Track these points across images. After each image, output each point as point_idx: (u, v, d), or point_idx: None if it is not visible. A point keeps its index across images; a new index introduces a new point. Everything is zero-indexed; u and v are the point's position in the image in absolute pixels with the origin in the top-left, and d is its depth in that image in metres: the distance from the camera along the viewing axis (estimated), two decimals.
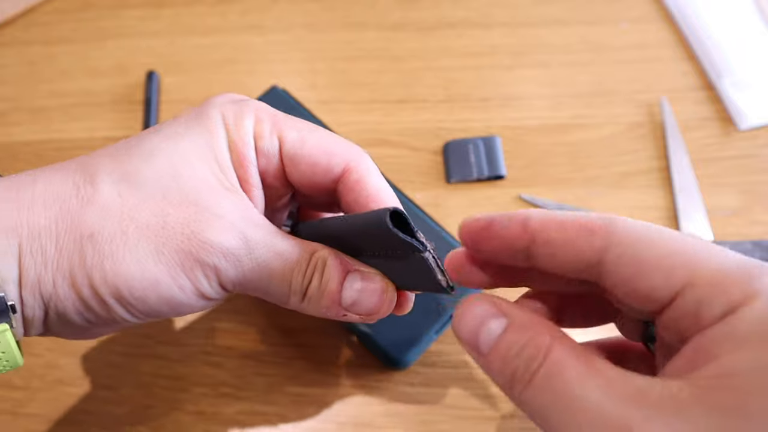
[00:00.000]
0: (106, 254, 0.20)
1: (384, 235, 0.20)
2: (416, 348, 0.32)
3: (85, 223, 0.20)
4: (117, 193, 0.20)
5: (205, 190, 0.21)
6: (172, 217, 0.20)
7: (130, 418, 0.33)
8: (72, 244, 0.20)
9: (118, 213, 0.20)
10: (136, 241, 0.20)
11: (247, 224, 0.21)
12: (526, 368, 0.17)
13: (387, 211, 0.19)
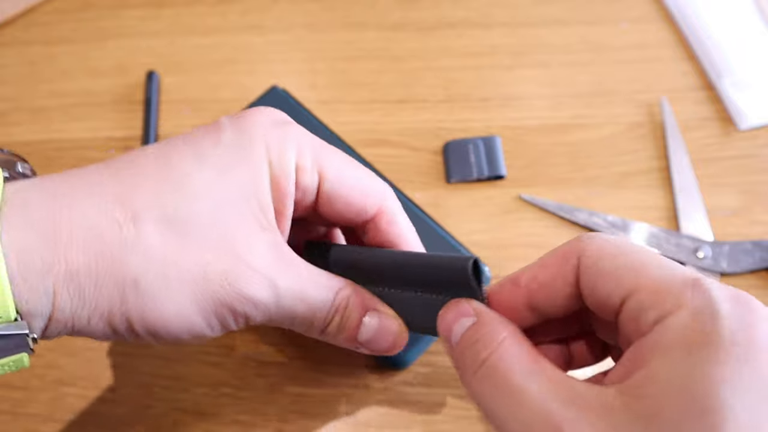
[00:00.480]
0: (147, 299, 0.20)
1: (451, 279, 0.22)
2: (416, 348, 0.32)
3: (128, 267, 0.20)
4: (160, 236, 0.20)
5: (243, 236, 0.21)
6: (211, 266, 0.21)
7: (129, 418, 0.33)
8: (113, 287, 0.20)
9: (161, 257, 0.20)
10: (178, 287, 0.20)
11: (278, 271, 0.22)
12: (474, 359, 0.19)
13: (470, 260, 0.21)
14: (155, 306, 0.20)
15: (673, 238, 0.36)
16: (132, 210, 0.20)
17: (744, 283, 0.35)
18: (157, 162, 0.21)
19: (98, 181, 0.21)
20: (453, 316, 0.22)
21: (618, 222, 0.37)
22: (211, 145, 0.22)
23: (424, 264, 0.24)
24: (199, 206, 0.21)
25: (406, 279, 0.25)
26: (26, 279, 0.19)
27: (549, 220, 0.37)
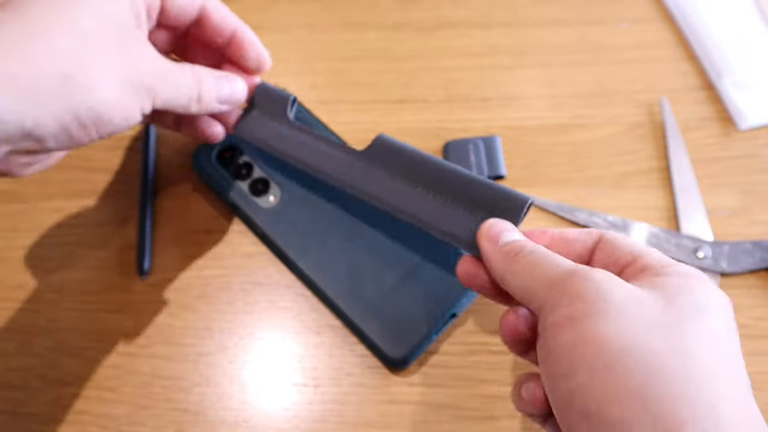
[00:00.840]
0: (86, 89, 0.24)
1: (503, 207, 0.28)
2: (416, 348, 0.32)
3: (58, 61, 0.24)
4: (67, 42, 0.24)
5: (134, 42, 0.27)
6: (120, 65, 0.26)
7: (129, 418, 0.33)
8: (51, 83, 0.23)
9: (83, 56, 0.25)
10: (107, 77, 0.25)
11: (156, 58, 0.28)
12: (520, 249, 0.24)
13: (530, 199, 0.27)
14: (91, 99, 0.24)
15: (673, 238, 0.36)
16: (34, 24, 0.23)
17: (744, 283, 0.35)
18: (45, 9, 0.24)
19: None
20: (502, 226, 0.27)
21: (618, 222, 0.37)
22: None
23: (486, 184, 0.29)
24: (83, 19, 0.24)
25: (449, 188, 0.30)
26: None
27: (549, 220, 0.37)
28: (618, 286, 0.21)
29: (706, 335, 0.20)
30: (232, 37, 0.33)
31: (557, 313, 0.21)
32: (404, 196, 0.31)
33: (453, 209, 0.30)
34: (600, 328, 0.20)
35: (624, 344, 0.19)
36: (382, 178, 0.32)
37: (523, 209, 0.27)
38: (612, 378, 0.19)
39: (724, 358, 0.20)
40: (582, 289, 0.21)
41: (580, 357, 0.19)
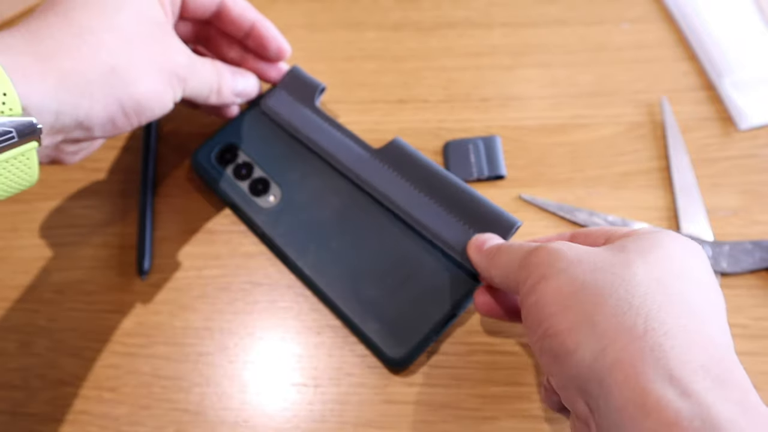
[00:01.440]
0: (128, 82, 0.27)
1: (495, 224, 0.32)
2: (416, 348, 0.32)
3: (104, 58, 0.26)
4: (117, 42, 0.27)
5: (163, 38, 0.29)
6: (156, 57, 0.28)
7: (129, 418, 0.33)
8: (99, 77, 0.26)
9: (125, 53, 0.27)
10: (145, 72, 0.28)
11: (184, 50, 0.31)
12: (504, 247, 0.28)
13: (518, 223, 0.32)
14: (135, 88, 0.27)
15: None
16: (85, 28, 0.26)
17: (744, 283, 0.35)
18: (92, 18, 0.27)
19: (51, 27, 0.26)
20: (487, 236, 0.31)
21: (618, 222, 0.37)
22: None
23: (483, 202, 0.33)
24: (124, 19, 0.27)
25: (452, 199, 0.34)
26: (28, 79, 0.23)
27: (549, 220, 0.37)
28: (572, 248, 0.24)
29: (653, 266, 0.22)
30: (251, 29, 0.35)
31: (526, 285, 0.24)
32: (409, 199, 0.34)
33: (451, 219, 0.33)
34: (555, 282, 0.23)
35: (575, 287, 0.22)
36: (392, 178, 0.35)
37: (511, 230, 0.32)
38: (567, 317, 0.22)
39: (669, 283, 0.21)
40: (540, 259, 0.24)
41: (543, 309, 0.22)
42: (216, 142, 0.38)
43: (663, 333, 0.20)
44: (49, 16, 0.25)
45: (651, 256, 0.23)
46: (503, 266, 0.27)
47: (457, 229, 0.33)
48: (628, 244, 0.23)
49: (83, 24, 0.26)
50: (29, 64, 0.24)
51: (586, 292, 0.22)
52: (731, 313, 0.34)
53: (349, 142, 0.37)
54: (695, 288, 0.22)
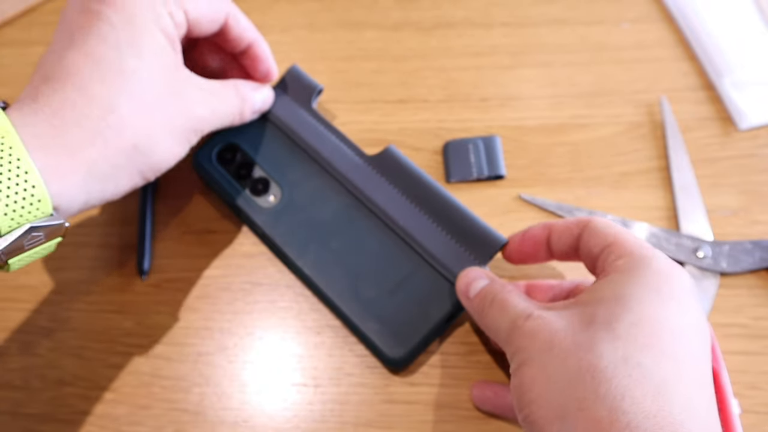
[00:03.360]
0: (148, 153, 0.27)
1: (483, 240, 0.33)
2: (416, 348, 0.32)
3: (125, 139, 0.26)
4: (132, 113, 0.27)
5: (179, 85, 0.29)
6: (172, 117, 0.28)
7: (129, 418, 0.33)
8: (123, 157, 0.26)
9: (143, 125, 0.27)
10: (162, 137, 0.28)
11: (206, 91, 0.31)
12: (491, 297, 0.28)
13: (504, 241, 0.33)
14: (156, 158, 0.28)
15: (673, 238, 0.36)
16: (105, 106, 0.26)
17: (744, 283, 0.35)
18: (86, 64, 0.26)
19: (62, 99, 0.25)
20: (470, 277, 0.31)
21: (618, 222, 0.37)
22: (108, 27, 0.27)
23: (470, 218, 0.33)
24: (141, 85, 0.27)
25: (441, 213, 0.34)
26: (60, 178, 0.24)
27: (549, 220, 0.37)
28: (545, 328, 0.25)
29: (620, 340, 0.23)
30: (248, 48, 0.35)
31: (511, 366, 0.26)
32: (399, 209, 0.35)
33: (439, 233, 0.34)
34: (532, 372, 0.24)
35: (547, 377, 0.23)
36: (384, 187, 0.35)
37: (497, 249, 0.33)
38: (542, 406, 0.23)
39: (635, 360, 0.22)
40: (519, 344, 0.25)
41: (524, 395, 0.24)
42: (216, 142, 0.38)
43: (626, 424, 0.21)
44: (68, 91, 0.25)
45: (619, 325, 0.23)
46: (492, 329, 0.28)
47: (445, 243, 0.33)
48: (596, 312, 0.24)
49: (104, 101, 0.26)
50: (60, 161, 0.24)
51: (558, 384, 0.23)
52: (731, 312, 0.34)
53: (344, 147, 0.37)
54: (667, 350, 0.22)
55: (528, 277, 0.36)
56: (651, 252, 0.26)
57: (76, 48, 0.26)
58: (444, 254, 0.33)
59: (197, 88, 0.30)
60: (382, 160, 0.36)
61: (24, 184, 0.23)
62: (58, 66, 0.26)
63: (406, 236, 0.34)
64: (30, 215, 0.23)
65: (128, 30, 0.27)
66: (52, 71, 0.26)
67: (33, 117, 0.24)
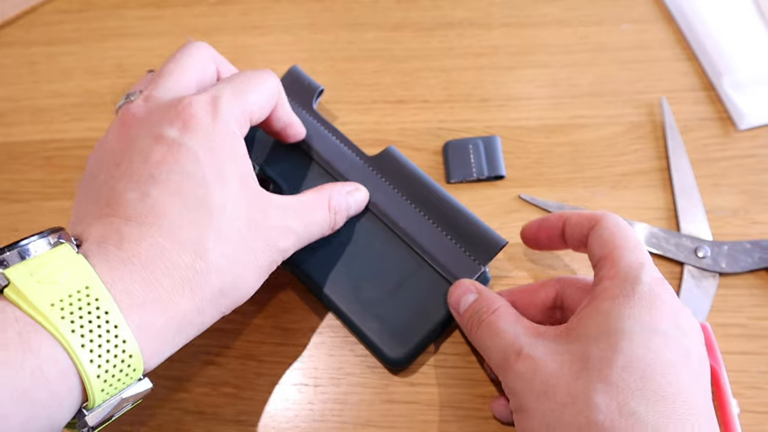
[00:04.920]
0: (232, 295, 0.26)
1: (483, 242, 0.33)
2: (416, 348, 0.32)
3: (213, 286, 0.25)
4: (220, 255, 0.25)
5: (261, 214, 0.27)
6: (258, 251, 0.27)
7: (130, 418, 0.33)
8: (212, 304, 0.25)
9: (229, 268, 0.25)
10: (245, 278, 0.26)
11: (289, 218, 0.29)
12: (479, 318, 0.29)
13: (504, 242, 0.33)
14: (238, 296, 0.26)
15: (672, 238, 0.36)
16: (193, 250, 0.24)
17: (743, 283, 0.35)
18: (170, 201, 0.24)
19: (150, 244, 0.24)
20: (460, 291, 0.31)
21: None
22: (193, 160, 0.25)
23: (470, 219, 0.33)
24: (228, 223, 0.25)
25: (441, 214, 0.34)
26: (153, 343, 0.23)
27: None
28: (540, 371, 0.25)
29: (614, 384, 0.23)
30: (283, 128, 0.34)
31: (511, 401, 0.26)
32: (400, 210, 0.34)
33: (439, 234, 0.34)
34: (529, 420, 0.25)
35: (544, 427, 0.24)
36: (384, 188, 0.35)
37: (497, 250, 0.32)
38: None
39: (629, 407, 0.23)
40: (515, 386, 0.26)
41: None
42: None
43: None
44: (156, 236, 0.23)
45: (611, 371, 0.23)
46: (481, 350, 0.29)
47: (445, 244, 0.33)
48: (588, 352, 0.24)
49: (193, 245, 0.24)
50: (153, 320, 0.22)
51: None
52: (730, 312, 0.34)
53: (344, 148, 0.37)
54: (658, 391, 0.23)
55: (528, 278, 0.36)
56: (637, 272, 0.26)
57: (161, 185, 0.24)
58: (444, 255, 0.33)
59: (282, 212, 0.28)
60: (382, 160, 0.36)
61: (115, 350, 0.21)
62: (141, 205, 0.24)
63: (406, 237, 0.34)
64: (120, 383, 0.22)
65: (212, 162, 0.25)
66: (134, 210, 0.24)
67: (122, 269, 0.22)
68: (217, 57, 0.32)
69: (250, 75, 0.29)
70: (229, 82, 0.28)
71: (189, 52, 0.31)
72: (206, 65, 0.31)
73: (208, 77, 0.31)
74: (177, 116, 0.26)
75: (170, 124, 0.26)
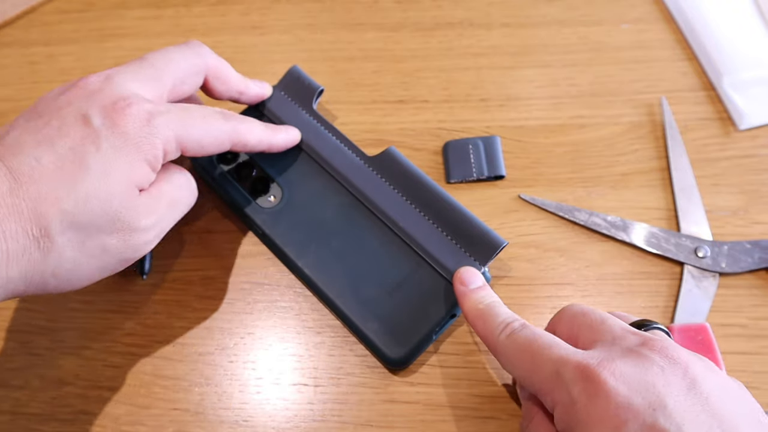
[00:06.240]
0: (62, 281, 0.27)
1: (483, 242, 0.33)
2: (416, 348, 0.32)
3: (47, 267, 0.26)
4: (68, 241, 0.26)
5: (128, 212, 0.27)
6: (110, 245, 0.27)
7: (130, 418, 0.33)
8: (38, 280, 0.26)
9: (72, 257, 0.26)
10: (86, 268, 0.27)
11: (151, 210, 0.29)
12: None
13: (505, 243, 0.32)
14: (69, 284, 0.27)
15: (672, 238, 0.36)
16: (44, 226, 0.25)
17: (743, 283, 0.35)
18: (55, 172, 0.26)
19: (17, 208, 0.25)
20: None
21: (618, 222, 0.37)
22: (94, 151, 0.26)
23: (470, 219, 0.33)
24: (92, 206, 0.26)
25: (441, 214, 0.34)
26: None
27: (549, 220, 0.37)
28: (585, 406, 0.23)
29: None
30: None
31: (556, 414, 0.25)
32: (399, 210, 0.34)
33: (439, 234, 0.33)
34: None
35: None
36: (384, 188, 0.35)
37: (497, 250, 0.32)
38: None
39: None
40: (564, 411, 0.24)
41: None
42: None
43: None
44: (22, 197, 0.25)
45: None
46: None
47: (445, 245, 0.33)
48: None
49: (55, 223, 0.26)
50: None
51: None
52: (730, 312, 0.34)
53: (344, 148, 0.37)
54: None
55: (528, 278, 0.36)
56: (557, 378, 0.25)
57: (54, 156, 0.26)
58: (444, 255, 0.33)
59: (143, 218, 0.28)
60: (382, 161, 0.36)
61: None
62: (26, 164, 0.25)
63: (406, 237, 0.34)
64: None
65: (109, 158, 0.26)
66: (18, 165, 0.25)
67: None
68: (212, 65, 0.33)
69: (206, 113, 0.30)
70: (183, 110, 0.30)
71: (184, 53, 0.32)
72: (193, 74, 0.32)
73: (188, 86, 0.32)
74: (112, 109, 0.27)
75: (102, 113, 0.27)
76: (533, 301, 0.35)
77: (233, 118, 0.32)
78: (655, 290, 0.35)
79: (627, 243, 0.36)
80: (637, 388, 0.22)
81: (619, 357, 0.24)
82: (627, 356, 0.24)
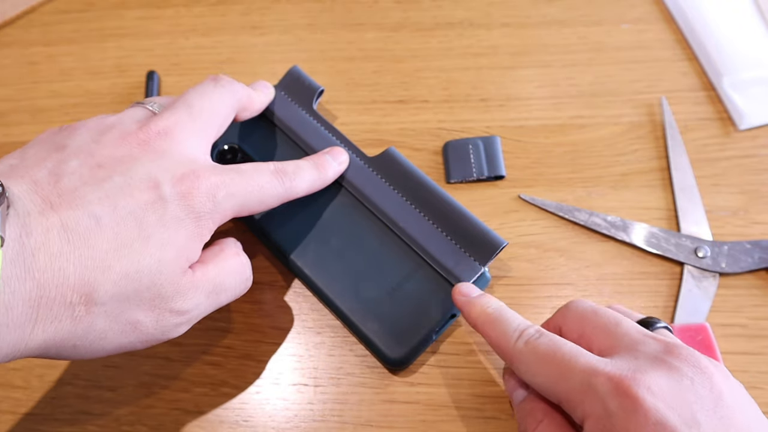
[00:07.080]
0: (78, 352, 0.25)
1: (483, 243, 0.33)
2: (416, 348, 0.32)
3: (72, 337, 0.24)
4: (104, 315, 0.24)
5: (171, 285, 0.26)
6: (141, 323, 0.26)
7: (130, 418, 0.33)
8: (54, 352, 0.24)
9: (100, 331, 0.24)
10: (110, 343, 0.25)
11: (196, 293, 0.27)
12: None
13: (505, 243, 0.32)
14: (81, 356, 0.25)
15: (672, 238, 0.36)
16: (87, 293, 0.23)
17: (743, 283, 0.35)
18: (113, 236, 0.24)
19: (60, 267, 0.22)
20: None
21: (618, 222, 0.37)
22: (156, 220, 0.25)
23: (470, 220, 0.33)
24: (142, 277, 0.24)
25: (441, 215, 0.34)
26: None
27: (549, 220, 0.37)
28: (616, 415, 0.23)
29: None
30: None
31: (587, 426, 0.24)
32: (399, 210, 0.35)
33: (439, 234, 0.33)
34: None
35: None
36: (384, 189, 0.35)
37: (497, 251, 0.32)
38: None
39: None
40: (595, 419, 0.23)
41: None
42: (217, 142, 0.38)
43: None
44: (69, 258, 0.23)
45: None
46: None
47: (445, 245, 0.33)
48: None
49: (98, 292, 0.24)
50: None
51: None
52: (730, 313, 0.34)
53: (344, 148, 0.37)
54: None
55: (528, 278, 0.36)
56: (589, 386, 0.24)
57: (116, 218, 0.24)
58: (444, 255, 0.33)
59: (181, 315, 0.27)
60: (382, 161, 0.36)
61: None
62: (84, 227, 0.23)
63: (406, 237, 0.34)
64: None
65: (173, 224, 0.25)
66: (76, 227, 0.23)
67: (19, 266, 0.22)
68: (242, 100, 0.32)
69: (262, 179, 0.29)
70: (240, 175, 0.28)
71: (222, 97, 0.31)
72: (230, 117, 0.31)
73: (225, 128, 0.31)
74: (182, 179, 0.26)
75: (173, 181, 0.26)
76: (533, 301, 0.35)
77: (285, 175, 0.30)
78: (655, 290, 0.35)
79: (627, 243, 0.36)
80: (672, 404, 0.22)
81: (651, 368, 0.23)
82: (658, 367, 0.24)
